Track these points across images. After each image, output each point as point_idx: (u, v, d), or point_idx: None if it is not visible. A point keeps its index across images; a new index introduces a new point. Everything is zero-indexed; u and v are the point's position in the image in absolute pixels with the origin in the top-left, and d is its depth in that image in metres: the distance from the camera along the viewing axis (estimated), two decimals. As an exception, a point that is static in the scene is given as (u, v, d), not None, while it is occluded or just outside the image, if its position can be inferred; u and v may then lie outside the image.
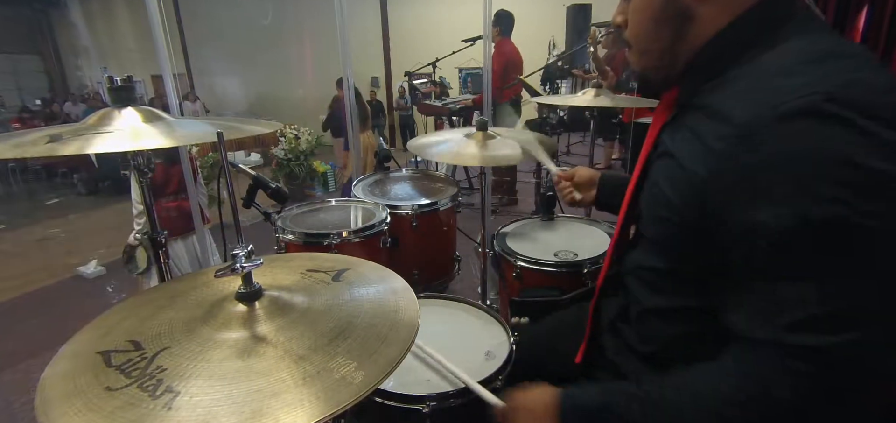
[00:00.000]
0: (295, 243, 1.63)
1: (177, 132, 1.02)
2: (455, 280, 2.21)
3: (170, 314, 0.74)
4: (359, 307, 0.76)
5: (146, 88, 10.14)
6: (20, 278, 3.99)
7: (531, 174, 3.07)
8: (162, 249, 1.30)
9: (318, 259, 0.93)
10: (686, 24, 0.69)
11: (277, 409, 0.55)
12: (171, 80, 2.20)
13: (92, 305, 3.43)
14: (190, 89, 9.49)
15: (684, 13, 0.68)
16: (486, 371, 1.05)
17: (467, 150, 1.57)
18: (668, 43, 0.71)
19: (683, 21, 0.69)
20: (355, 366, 0.61)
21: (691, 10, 0.68)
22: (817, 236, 0.52)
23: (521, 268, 1.51)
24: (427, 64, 4.72)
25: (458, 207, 2.09)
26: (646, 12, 0.72)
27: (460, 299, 1.39)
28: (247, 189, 1.46)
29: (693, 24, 0.68)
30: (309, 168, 5.52)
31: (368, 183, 2.24)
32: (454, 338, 1.25)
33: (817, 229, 0.52)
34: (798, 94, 0.54)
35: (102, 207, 6.57)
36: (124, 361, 0.64)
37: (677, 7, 0.68)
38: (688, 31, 0.69)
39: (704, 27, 0.68)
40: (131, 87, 1.09)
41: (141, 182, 1.20)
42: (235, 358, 0.63)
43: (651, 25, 0.72)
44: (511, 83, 4.09)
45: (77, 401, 0.58)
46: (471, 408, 1.00)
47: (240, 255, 0.70)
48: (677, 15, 0.69)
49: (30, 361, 2.73)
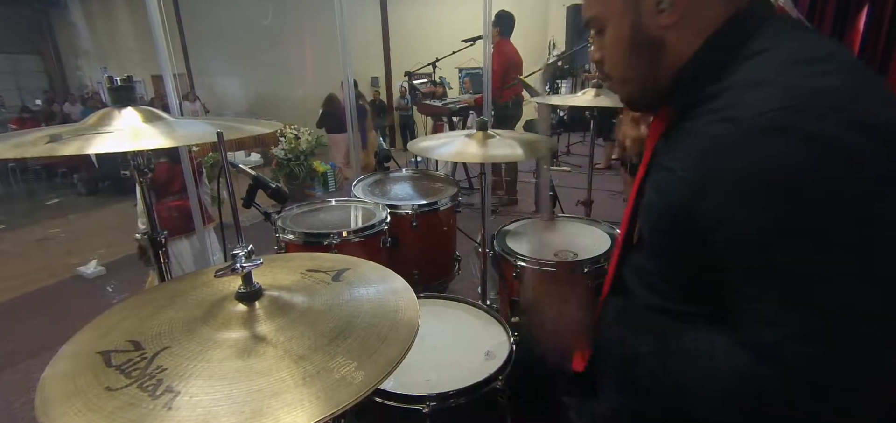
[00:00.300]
0: (295, 242, 1.63)
1: (177, 132, 1.02)
2: (455, 280, 2.21)
3: (170, 314, 0.74)
4: (359, 307, 0.76)
5: (146, 88, 10.13)
6: (20, 278, 3.99)
7: (531, 174, 3.07)
8: (162, 249, 1.30)
9: (318, 259, 0.93)
10: (658, 52, 0.71)
11: (277, 409, 0.55)
12: (171, 80, 2.20)
13: (92, 305, 3.43)
14: (190, 89, 9.49)
15: (654, 42, 0.71)
16: (486, 371, 1.05)
17: (468, 149, 1.57)
18: (645, 70, 0.74)
19: (655, 49, 0.71)
20: (355, 366, 0.61)
21: (660, 38, 0.70)
22: (796, 243, 0.54)
23: (521, 268, 1.51)
24: (427, 64, 4.72)
25: (458, 207, 2.09)
26: (618, 47, 0.75)
27: (460, 299, 1.39)
28: (247, 189, 1.46)
29: (665, 51, 0.71)
30: (309, 168, 5.52)
31: (368, 183, 2.25)
32: (454, 338, 1.25)
33: (794, 237, 0.54)
34: (762, 109, 0.56)
35: (102, 207, 6.57)
36: (124, 361, 0.64)
37: (647, 37, 0.71)
38: (661, 57, 0.71)
39: (678, 51, 0.70)
40: (131, 87, 1.09)
41: (141, 182, 1.20)
42: (235, 358, 0.63)
43: (625, 58, 0.75)
44: (511, 83, 4.09)
45: (77, 401, 0.58)
46: (471, 408, 1.00)
47: (240, 255, 0.70)
48: (648, 45, 0.71)
49: (30, 361, 2.73)
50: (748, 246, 0.57)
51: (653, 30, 0.70)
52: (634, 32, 0.71)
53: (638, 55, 0.73)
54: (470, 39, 3.67)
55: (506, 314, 1.48)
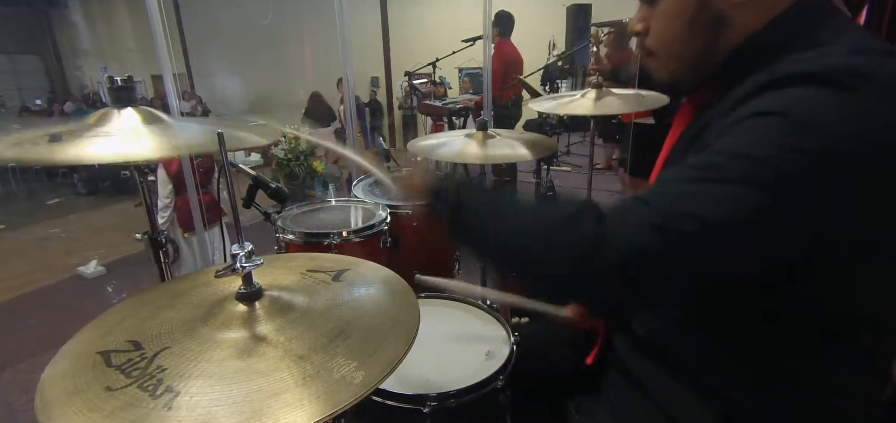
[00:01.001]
0: (295, 243, 1.62)
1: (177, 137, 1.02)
2: (455, 280, 2.21)
3: (170, 314, 0.74)
4: (359, 307, 0.76)
5: (146, 87, 10.13)
6: (20, 278, 3.99)
7: (531, 174, 3.07)
8: (162, 249, 1.30)
9: (318, 259, 0.93)
10: (721, 30, 0.67)
11: (277, 409, 0.55)
12: (171, 80, 2.20)
13: (92, 305, 3.43)
14: (189, 88, 9.49)
15: (719, 18, 0.67)
16: (486, 371, 1.05)
17: (468, 149, 1.57)
18: (701, 49, 0.70)
19: (718, 26, 0.67)
20: (355, 366, 0.61)
21: (725, 14, 0.66)
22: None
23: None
24: (427, 64, 4.72)
25: (458, 207, 2.08)
26: (677, 18, 0.70)
27: (460, 299, 1.39)
28: (247, 189, 1.45)
29: (728, 30, 0.67)
30: (309, 168, 5.52)
31: (368, 183, 2.24)
32: (454, 338, 1.25)
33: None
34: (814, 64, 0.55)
35: (102, 207, 6.57)
36: (124, 361, 0.64)
37: (712, 12, 0.67)
38: (722, 36, 0.68)
39: (738, 31, 0.67)
40: (131, 87, 1.09)
41: (141, 182, 1.20)
42: (235, 358, 0.63)
43: (683, 31, 0.70)
44: (511, 83, 4.09)
45: (77, 401, 0.58)
46: (471, 408, 1.00)
47: (240, 255, 0.70)
48: (713, 21, 0.67)
49: (30, 361, 2.73)
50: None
51: (721, 6, 0.66)
52: (700, 5, 0.67)
53: (698, 31, 0.69)
54: (470, 39, 3.67)
55: (506, 314, 1.48)
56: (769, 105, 0.55)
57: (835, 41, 0.59)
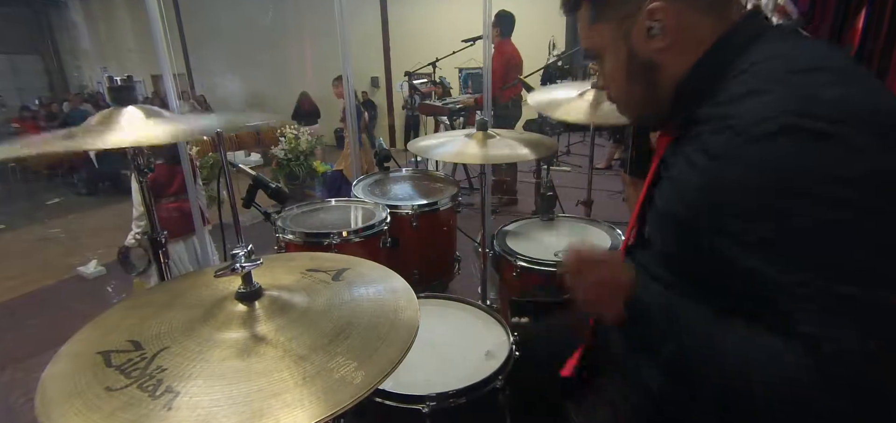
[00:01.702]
0: (295, 242, 1.62)
1: (180, 125, 1.03)
2: (455, 280, 2.21)
3: (170, 314, 0.74)
4: (359, 307, 0.76)
5: (146, 87, 10.13)
6: (20, 278, 3.98)
7: (531, 174, 3.07)
8: (162, 249, 1.30)
9: (318, 259, 0.93)
10: (655, 74, 0.74)
11: (277, 409, 0.55)
12: (171, 79, 2.20)
13: (92, 305, 3.43)
14: (189, 88, 9.49)
15: (649, 65, 0.74)
16: (486, 371, 1.05)
17: (468, 150, 1.57)
18: (644, 93, 0.77)
19: (651, 71, 0.74)
20: (355, 366, 0.61)
21: (655, 60, 0.73)
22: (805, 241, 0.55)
23: (521, 268, 1.51)
24: (427, 64, 4.71)
25: (458, 207, 2.08)
26: (617, 74, 0.78)
27: (460, 299, 1.39)
28: (247, 189, 1.46)
29: (662, 72, 0.73)
30: (309, 168, 5.51)
31: (368, 183, 2.24)
32: (454, 338, 1.25)
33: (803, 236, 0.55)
34: (760, 115, 0.58)
35: (102, 207, 6.56)
36: (124, 361, 0.64)
37: (641, 62, 0.74)
38: (659, 78, 0.74)
39: (674, 71, 0.72)
40: (131, 86, 1.09)
41: (141, 182, 1.20)
42: (235, 358, 0.63)
43: (626, 83, 0.78)
44: (511, 83, 4.09)
45: (77, 401, 0.58)
46: (471, 408, 1.00)
47: (240, 255, 0.70)
48: (644, 68, 0.74)
49: (30, 361, 2.72)
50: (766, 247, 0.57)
51: (646, 54, 0.73)
52: (630, 59, 0.75)
53: (636, 79, 0.76)
54: (470, 39, 3.66)
55: (506, 314, 1.48)
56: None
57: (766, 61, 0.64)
